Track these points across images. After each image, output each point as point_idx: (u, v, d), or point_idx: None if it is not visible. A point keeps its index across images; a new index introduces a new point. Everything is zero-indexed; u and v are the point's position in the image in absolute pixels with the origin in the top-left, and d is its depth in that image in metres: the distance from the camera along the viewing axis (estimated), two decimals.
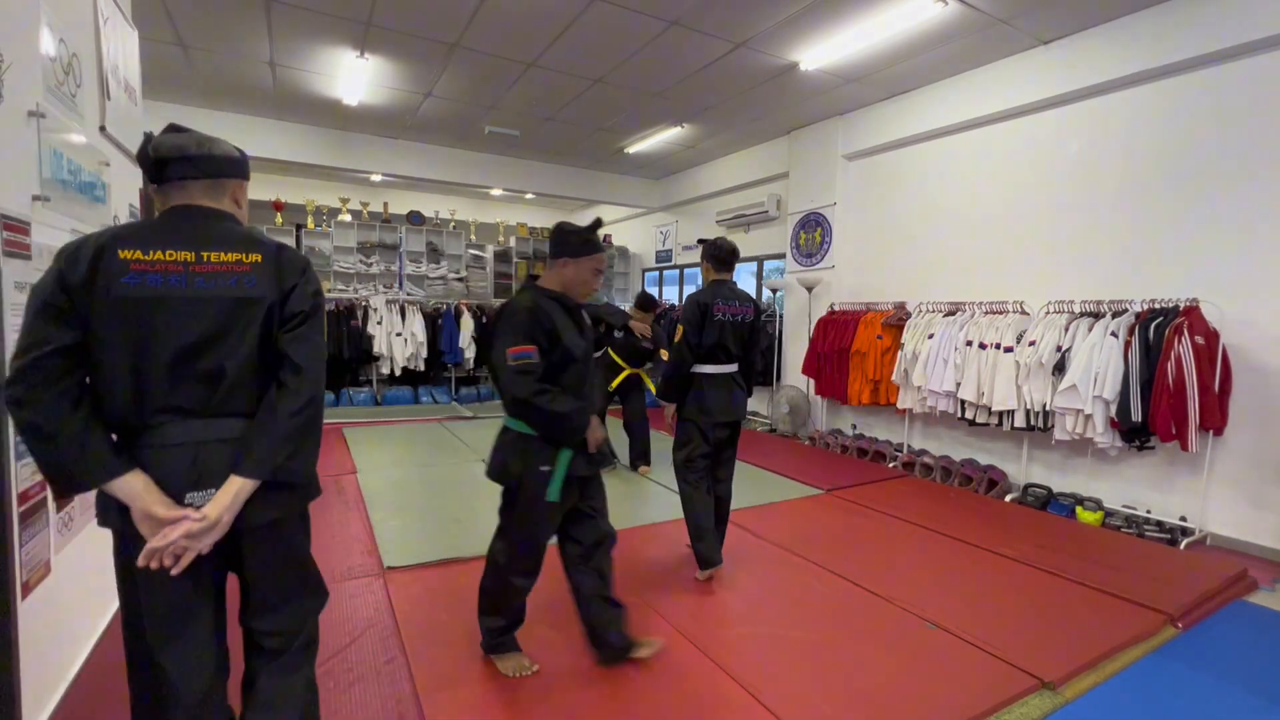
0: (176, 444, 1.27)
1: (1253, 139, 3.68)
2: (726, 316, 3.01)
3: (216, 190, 1.39)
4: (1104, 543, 3.67)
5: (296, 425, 1.30)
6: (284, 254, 1.36)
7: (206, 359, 1.27)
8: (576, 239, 2.14)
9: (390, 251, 8.49)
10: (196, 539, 1.22)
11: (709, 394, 3.00)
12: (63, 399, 1.18)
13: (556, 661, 2.29)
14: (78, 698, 2.01)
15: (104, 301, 1.20)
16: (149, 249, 1.25)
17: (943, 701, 2.11)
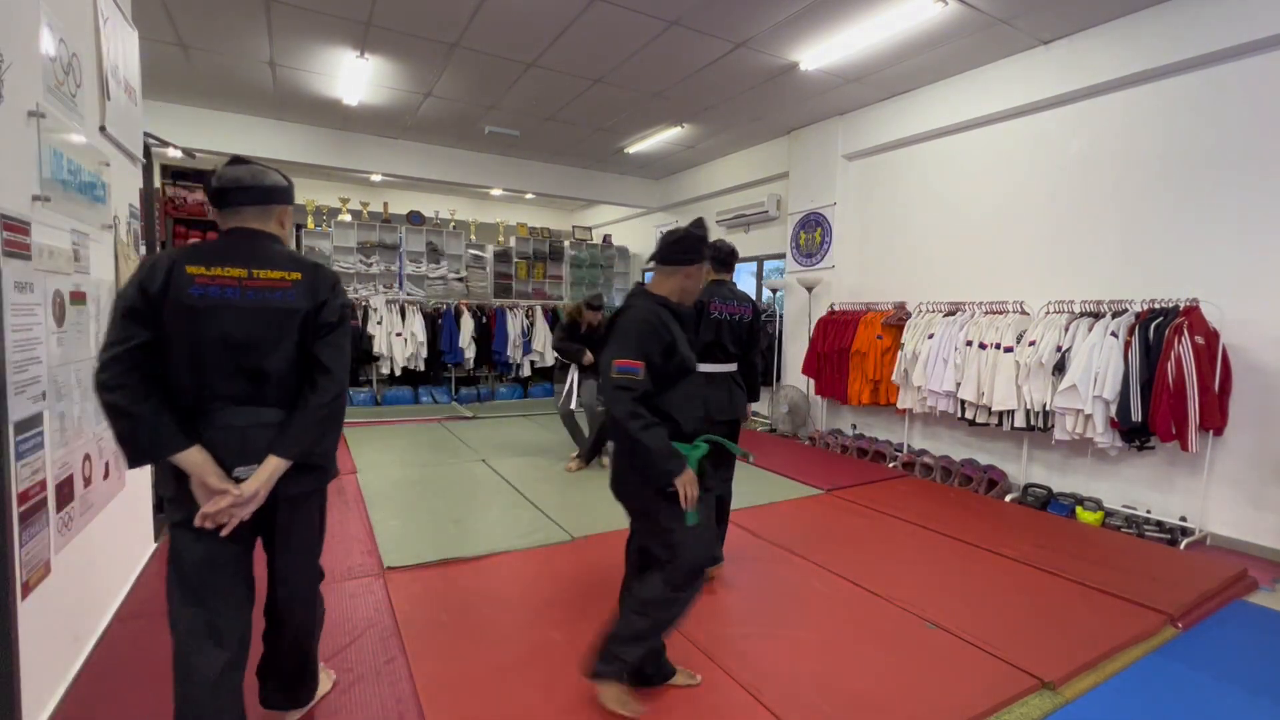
0: (228, 426, 1.54)
1: (1253, 139, 3.68)
2: (723, 315, 3.02)
3: (265, 214, 1.67)
4: (1104, 543, 3.67)
5: (323, 417, 1.59)
6: (319, 272, 1.64)
7: (254, 358, 1.54)
8: (700, 245, 2.05)
9: (390, 251, 8.49)
10: (241, 507, 1.51)
11: (706, 394, 2.98)
12: (140, 385, 1.46)
13: (557, 661, 2.29)
14: (78, 698, 2.01)
15: (174, 307, 1.48)
16: (210, 265, 1.53)
17: (943, 701, 2.11)
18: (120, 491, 2.67)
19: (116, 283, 2.62)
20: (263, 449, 1.54)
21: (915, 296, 5.49)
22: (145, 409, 1.45)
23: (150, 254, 2.48)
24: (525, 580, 2.98)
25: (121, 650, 2.30)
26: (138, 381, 1.46)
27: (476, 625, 2.54)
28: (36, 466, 1.81)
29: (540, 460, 5.32)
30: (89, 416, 2.27)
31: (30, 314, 1.77)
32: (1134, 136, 4.21)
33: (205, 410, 1.53)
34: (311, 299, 1.60)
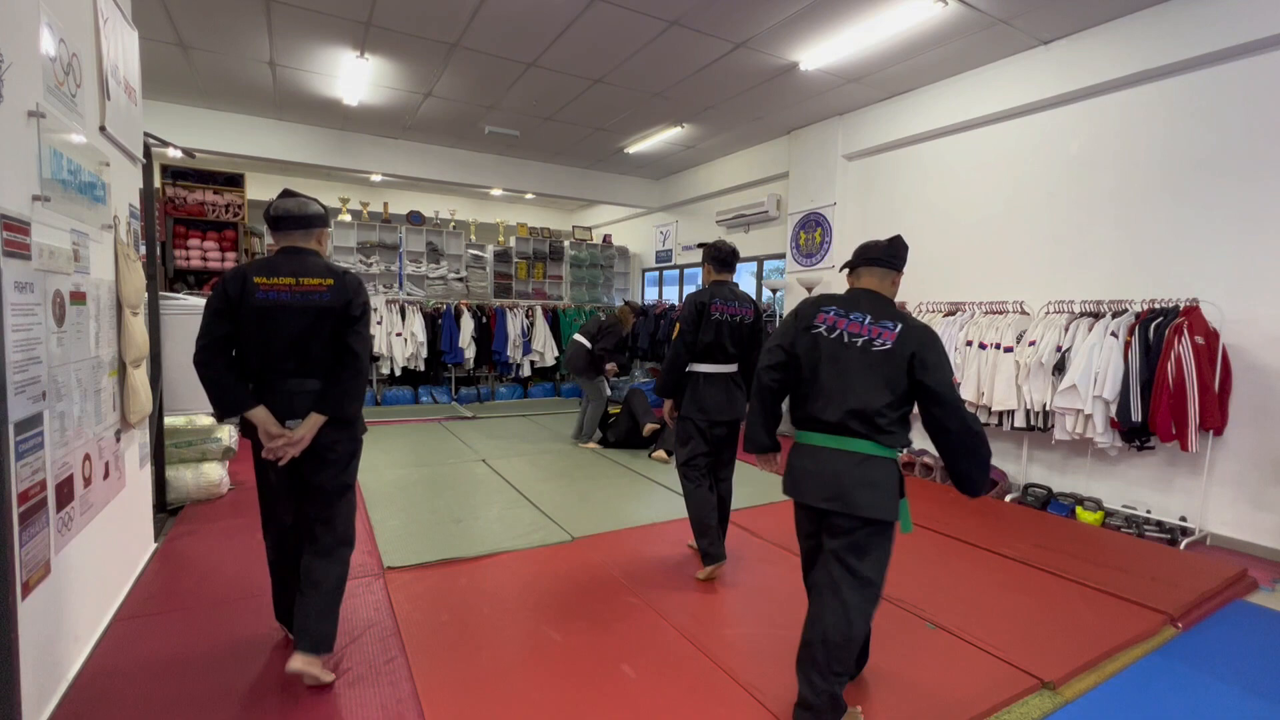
0: (283, 392, 2.11)
1: (1253, 139, 3.69)
2: (724, 316, 3.03)
3: (307, 236, 2.24)
4: (1104, 543, 3.67)
5: (350, 387, 2.14)
6: (346, 278, 2.16)
7: (301, 344, 2.10)
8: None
9: (390, 251, 8.49)
10: (293, 447, 2.07)
11: (705, 393, 3.03)
12: (225, 364, 2.07)
13: (557, 661, 2.29)
14: (78, 698, 2.01)
15: (246, 308, 2.04)
16: (270, 276, 2.08)
17: (943, 701, 2.11)
18: (120, 491, 2.66)
19: (117, 283, 2.62)
20: (306, 408, 2.10)
21: (915, 296, 5.49)
22: (229, 380, 2.06)
23: (239, 266, 2.83)
24: (525, 580, 2.98)
25: (121, 650, 2.30)
26: (224, 362, 2.07)
27: (476, 625, 2.54)
28: (36, 466, 1.81)
29: (540, 460, 5.33)
30: (89, 416, 2.27)
31: (30, 314, 1.77)
32: (1134, 136, 4.21)
33: (268, 381, 2.11)
34: (341, 299, 2.11)
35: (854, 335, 1.91)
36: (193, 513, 3.79)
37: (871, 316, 1.92)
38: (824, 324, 1.95)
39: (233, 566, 3.05)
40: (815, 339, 1.95)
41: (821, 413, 1.91)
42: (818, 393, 1.92)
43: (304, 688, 2.08)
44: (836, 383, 1.89)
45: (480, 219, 10.14)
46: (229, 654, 2.29)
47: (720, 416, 3.02)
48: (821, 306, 1.99)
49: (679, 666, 2.28)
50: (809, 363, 1.95)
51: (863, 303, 1.96)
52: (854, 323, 1.92)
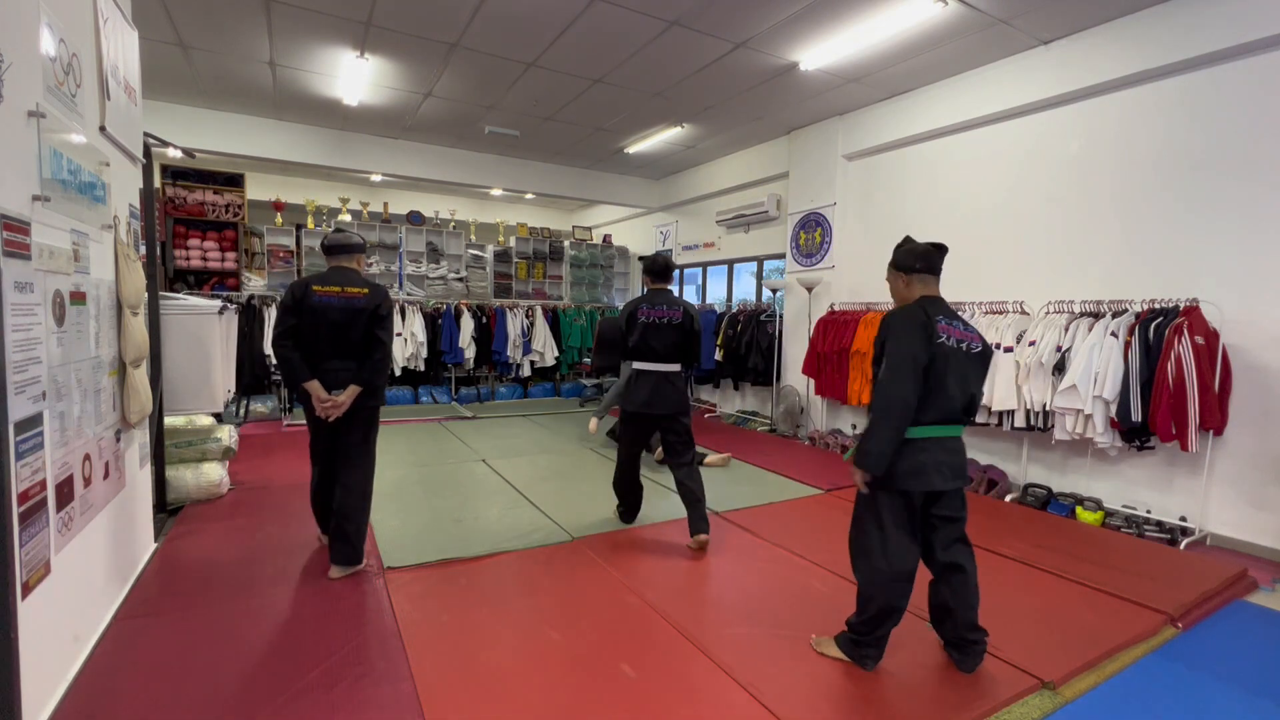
0: (330, 369, 2.94)
1: (1253, 139, 3.69)
2: (650, 319, 3.43)
3: (350, 258, 3.09)
4: (1104, 543, 3.67)
5: (378, 364, 2.99)
6: (377, 289, 3.04)
7: (344, 334, 2.95)
8: None
9: (390, 251, 8.49)
10: (337, 409, 2.90)
11: (636, 387, 3.49)
12: (293, 346, 2.91)
13: (557, 662, 2.29)
14: (78, 698, 2.01)
15: (308, 308, 2.91)
16: (324, 285, 2.95)
17: (943, 701, 2.11)
18: (120, 491, 2.67)
19: (117, 283, 2.62)
20: (346, 381, 2.94)
21: None
22: (296, 358, 2.90)
23: (298, 275, 3.47)
24: (525, 580, 2.98)
25: (121, 650, 2.30)
26: (292, 345, 2.91)
27: (476, 625, 2.54)
28: (36, 466, 1.81)
29: (540, 460, 5.33)
30: (89, 416, 2.27)
31: (30, 314, 1.77)
32: (1134, 136, 4.21)
33: (320, 361, 2.93)
34: (373, 302, 2.98)
35: (960, 341, 2.21)
36: (193, 513, 3.79)
37: (962, 323, 2.27)
38: (946, 335, 2.18)
39: (233, 567, 3.05)
40: (942, 348, 2.16)
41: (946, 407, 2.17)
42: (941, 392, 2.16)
43: (304, 687, 2.09)
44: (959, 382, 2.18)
45: (480, 219, 10.13)
46: (229, 654, 2.29)
47: (646, 410, 3.44)
48: (937, 318, 2.19)
49: (679, 666, 2.28)
50: (939, 369, 2.14)
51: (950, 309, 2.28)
52: (956, 329, 2.22)
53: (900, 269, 2.36)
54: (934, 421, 2.16)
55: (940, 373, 2.12)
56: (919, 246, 2.35)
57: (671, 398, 3.42)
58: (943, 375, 2.12)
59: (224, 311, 4.07)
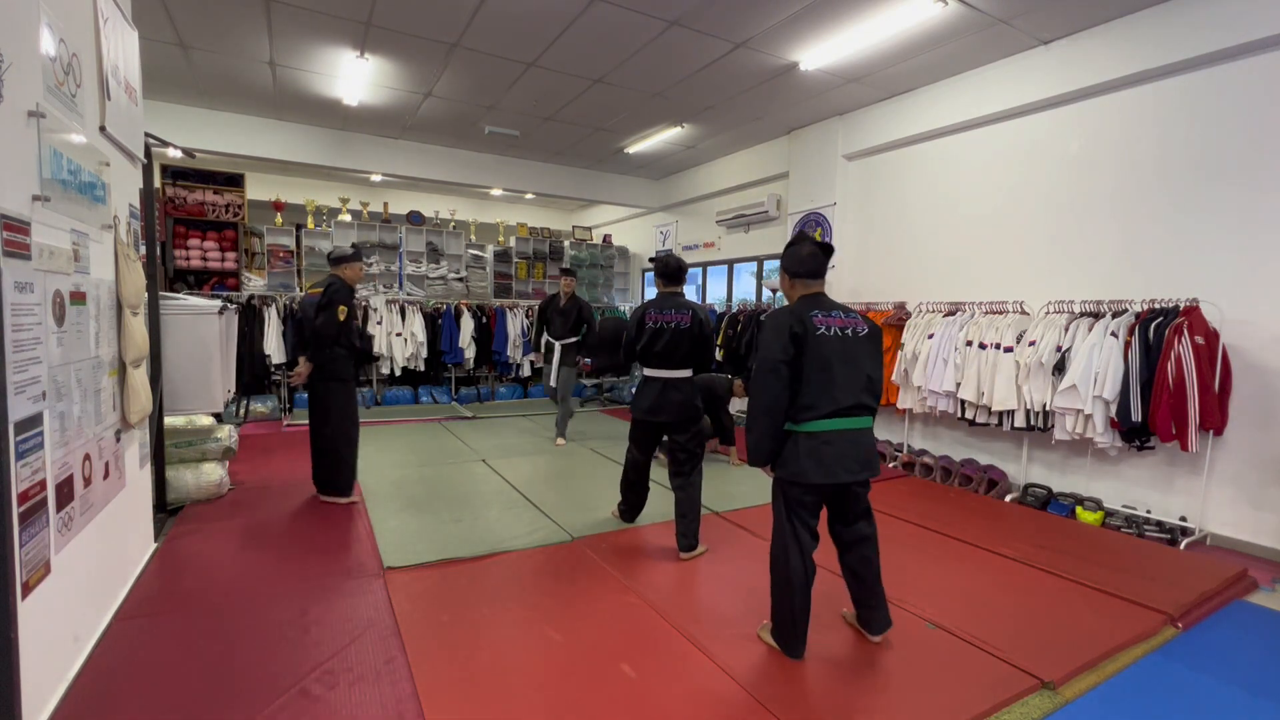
0: (304, 347, 4.00)
1: (1253, 139, 3.69)
2: (657, 324, 3.32)
3: (336, 268, 4.01)
4: (1104, 543, 3.67)
5: (308, 341, 3.95)
6: (328, 288, 3.91)
7: (307, 323, 4.04)
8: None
9: (390, 251, 8.48)
10: (298, 378, 3.97)
11: (641, 393, 3.43)
12: (299, 335, 4.56)
13: (557, 661, 2.29)
14: (78, 698, 2.01)
15: (304, 304, 4.28)
16: (313, 287, 5.12)
17: (943, 701, 2.11)
18: (120, 491, 2.66)
19: (117, 283, 2.62)
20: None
21: (915, 296, 5.49)
22: (297, 342, 4.96)
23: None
24: (525, 580, 2.98)
25: (121, 650, 2.30)
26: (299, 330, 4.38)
27: (476, 625, 2.54)
28: (36, 466, 1.81)
29: (540, 460, 5.33)
30: (89, 416, 2.27)
31: (30, 314, 1.77)
32: (1134, 136, 4.21)
33: (305, 344, 3.95)
34: (323, 298, 3.85)
35: (843, 328, 2.26)
36: (193, 513, 3.79)
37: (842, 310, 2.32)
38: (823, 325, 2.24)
39: (233, 567, 3.06)
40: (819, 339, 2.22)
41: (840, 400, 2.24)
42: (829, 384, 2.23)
43: (304, 687, 2.09)
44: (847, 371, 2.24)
45: (480, 219, 10.13)
46: (229, 654, 2.29)
47: (648, 416, 3.36)
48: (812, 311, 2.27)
49: (679, 666, 2.28)
50: (823, 357, 2.21)
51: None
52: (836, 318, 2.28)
53: (785, 271, 2.43)
54: (831, 414, 2.22)
55: (825, 360, 2.19)
56: (805, 249, 2.40)
57: (676, 405, 3.30)
58: (827, 365, 2.19)
59: (224, 311, 4.07)
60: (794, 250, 2.40)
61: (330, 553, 3.25)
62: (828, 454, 2.21)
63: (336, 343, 3.90)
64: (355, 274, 4.06)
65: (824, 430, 2.22)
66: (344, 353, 3.96)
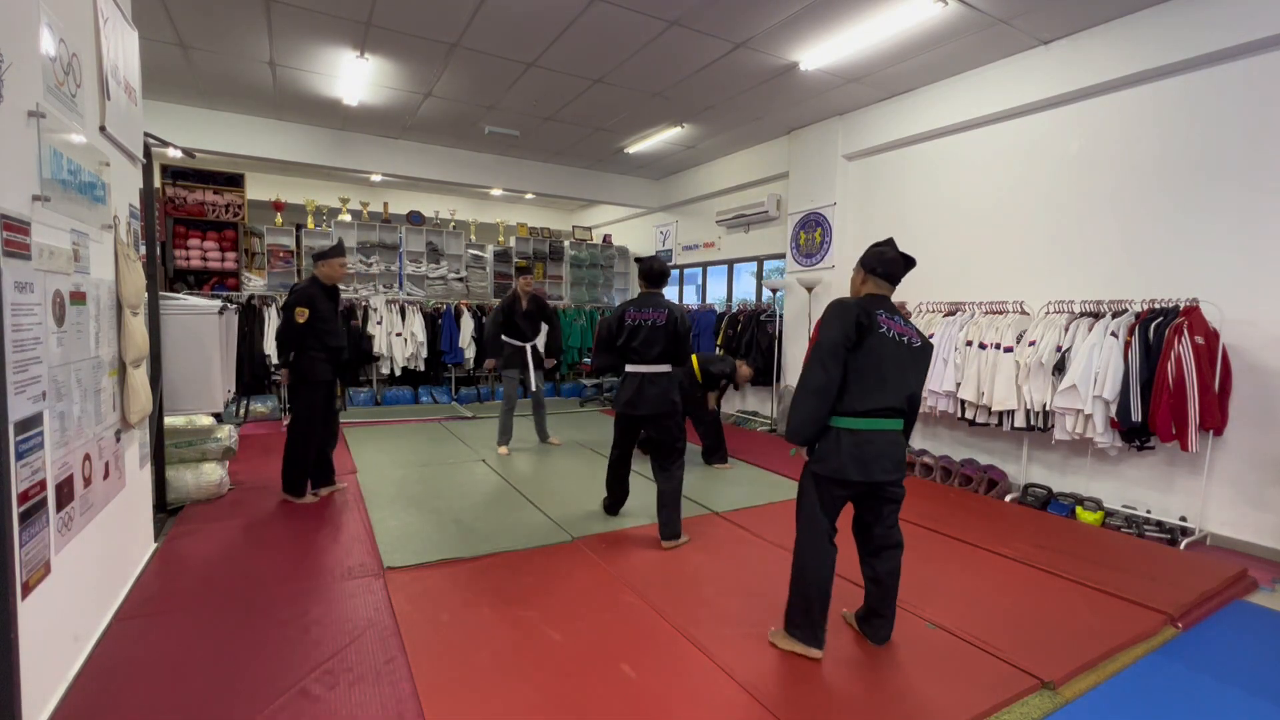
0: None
1: (1253, 139, 3.69)
2: (635, 322, 3.48)
3: (319, 267, 4.04)
4: (1104, 543, 3.67)
5: (279, 347, 4.29)
6: (291, 289, 4.05)
7: None
8: None
9: (390, 251, 8.49)
10: (282, 383, 4.42)
11: (621, 387, 3.58)
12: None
13: (558, 661, 2.29)
14: (78, 698, 2.01)
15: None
16: None
17: (943, 701, 2.11)
18: (120, 491, 2.66)
19: (117, 283, 2.62)
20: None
21: (915, 296, 5.49)
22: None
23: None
24: (525, 580, 2.98)
25: (121, 650, 2.30)
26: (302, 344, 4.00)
27: (476, 625, 2.54)
28: (36, 466, 1.81)
29: (541, 460, 5.33)
30: (89, 416, 2.27)
31: (30, 314, 1.77)
32: (1134, 136, 4.21)
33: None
34: (286, 299, 3.96)
35: (900, 335, 2.27)
36: (193, 513, 3.79)
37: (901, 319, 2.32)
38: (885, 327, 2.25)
39: (233, 567, 3.06)
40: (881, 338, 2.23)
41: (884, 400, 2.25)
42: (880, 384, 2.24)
43: (304, 687, 2.09)
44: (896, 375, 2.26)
45: (480, 219, 10.13)
46: (229, 654, 2.29)
47: (627, 410, 3.53)
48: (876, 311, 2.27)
49: (679, 666, 2.28)
50: (876, 358, 2.22)
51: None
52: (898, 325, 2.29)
53: (863, 266, 2.41)
54: (872, 413, 2.23)
55: (877, 361, 2.19)
56: (890, 253, 2.38)
57: (652, 399, 3.46)
58: (880, 364, 2.19)
59: (224, 311, 4.07)
60: (880, 250, 2.39)
61: (330, 553, 3.25)
62: (869, 453, 2.22)
63: (301, 345, 3.88)
64: (333, 271, 4.02)
65: (865, 429, 2.23)
66: (319, 354, 3.93)
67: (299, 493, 4.05)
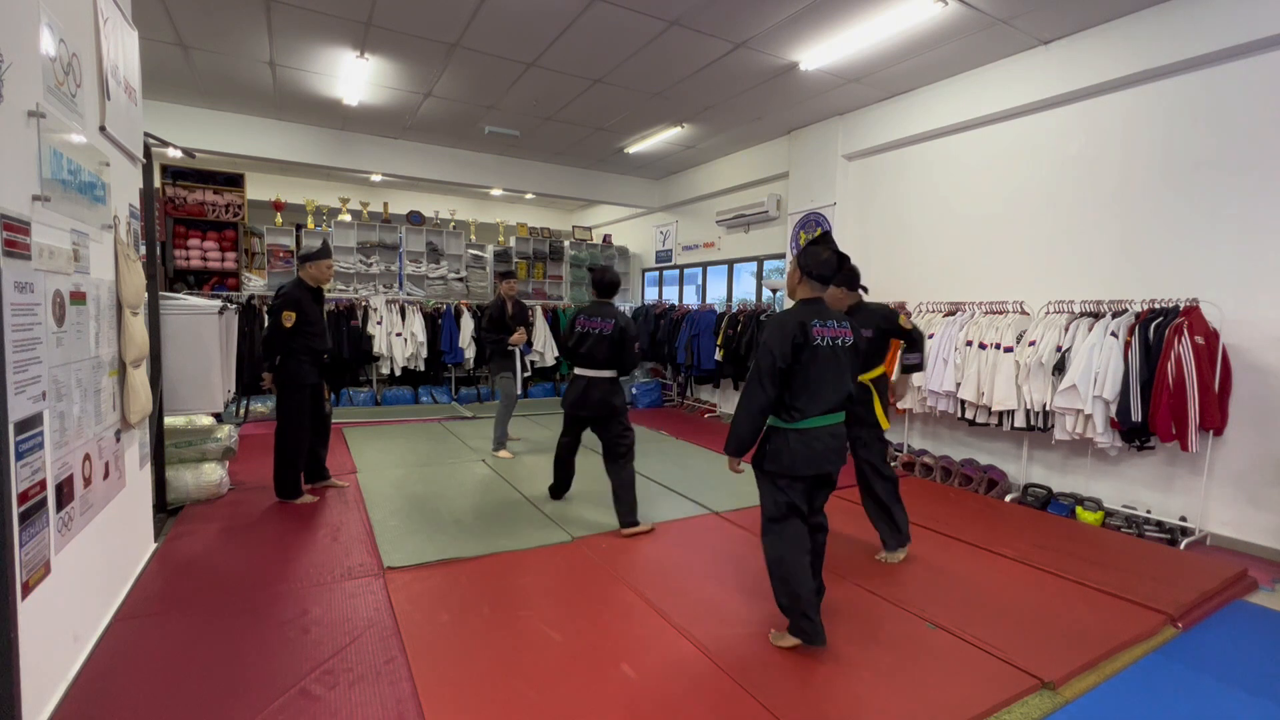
0: None
1: (1252, 139, 3.68)
2: (585, 329, 3.75)
3: (306, 269, 4.01)
4: (1104, 543, 3.67)
5: (264, 351, 3.99)
6: (278, 291, 3.97)
7: None
8: None
9: (390, 251, 8.49)
10: (266, 384, 4.03)
11: (569, 389, 3.86)
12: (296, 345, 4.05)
13: (558, 661, 2.29)
14: (78, 698, 2.01)
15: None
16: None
17: (943, 701, 2.11)
18: (120, 491, 2.66)
19: (117, 283, 2.62)
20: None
21: (915, 296, 5.49)
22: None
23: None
24: (525, 580, 2.98)
25: (121, 650, 2.30)
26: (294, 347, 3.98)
27: (476, 625, 2.54)
28: (36, 466, 1.81)
29: (540, 460, 5.32)
30: (89, 416, 2.27)
31: (30, 314, 1.77)
32: (1134, 136, 4.21)
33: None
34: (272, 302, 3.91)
35: (833, 338, 2.43)
36: (193, 513, 3.79)
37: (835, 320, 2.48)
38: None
39: (233, 567, 3.06)
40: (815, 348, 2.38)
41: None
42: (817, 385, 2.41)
43: (304, 687, 2.09)
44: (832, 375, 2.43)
45: (480, 219, 10.13)
46: (229, 654, 2.29)
47: (572, 410, 3.82)
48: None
49: (679, 666, 2.28)
50: (817, 370, 2.38)
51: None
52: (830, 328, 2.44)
53: (799, 267, 2.51)
54: (823, 412, 2.42)
55: (816, 373, 2.37)
56: (824, 254, 2.48)
57: (596, 400, 3.72)
58: (818, 374, 2.37)
59: (224, 311, 4.07)
60: (815, 251, 2.48)
61: (330, 553, 3.25)
62: (817, 448, 2.39)
63: (288, 349, 3.88)
64: (321, 272, 4.01)
65: (813, 427, 2.40)
66: (304, 357, 3.93)
67: (293, 495, 4.04)
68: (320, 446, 4.26)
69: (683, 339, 7.82)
